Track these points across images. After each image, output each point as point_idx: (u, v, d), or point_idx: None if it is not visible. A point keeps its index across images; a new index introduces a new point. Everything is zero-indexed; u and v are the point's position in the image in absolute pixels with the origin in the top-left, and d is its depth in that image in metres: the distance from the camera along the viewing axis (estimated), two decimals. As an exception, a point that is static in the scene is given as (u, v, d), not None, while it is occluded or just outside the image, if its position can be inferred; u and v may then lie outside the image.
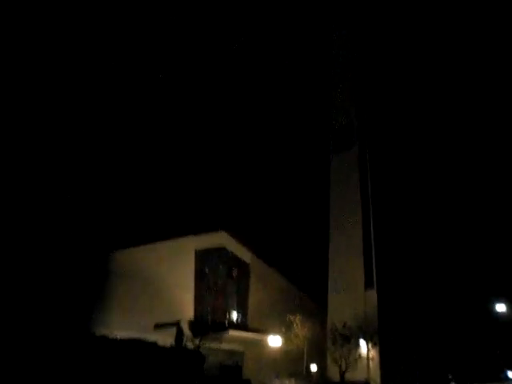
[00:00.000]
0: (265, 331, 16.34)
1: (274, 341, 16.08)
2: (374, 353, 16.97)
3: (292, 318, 16.01)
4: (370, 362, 16.71)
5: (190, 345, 13.14)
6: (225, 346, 15.58)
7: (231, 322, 16.71)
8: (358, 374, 15.69)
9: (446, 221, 16.33)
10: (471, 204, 16.09)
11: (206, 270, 15.75)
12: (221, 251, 15.99)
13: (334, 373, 15.93)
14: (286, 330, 16.14)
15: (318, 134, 16.58)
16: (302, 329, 16.16)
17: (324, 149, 16.50)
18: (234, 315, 16.81)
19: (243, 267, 16.70)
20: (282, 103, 16.70)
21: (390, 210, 16.46)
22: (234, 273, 16.19)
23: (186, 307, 15.40)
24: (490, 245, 15.68)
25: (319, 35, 16.97)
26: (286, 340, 16.27)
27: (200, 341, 13.36)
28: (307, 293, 17.25)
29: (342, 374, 15.60)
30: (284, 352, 16.68)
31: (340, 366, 15.52)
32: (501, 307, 14.52)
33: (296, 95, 16.78)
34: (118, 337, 10.49)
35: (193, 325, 14.51)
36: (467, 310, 15.54)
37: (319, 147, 16.55)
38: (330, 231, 16.62)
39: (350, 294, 15.96)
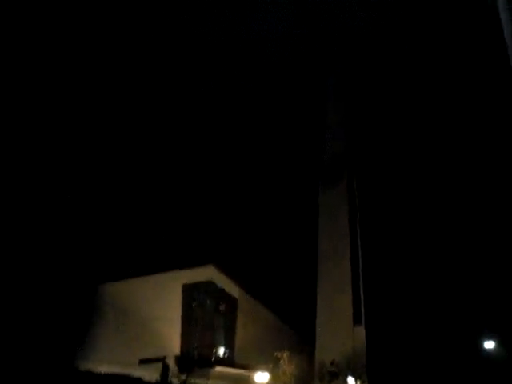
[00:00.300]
0: (252, 367, 16.08)
1: (262, 377, 15.81)
2: (362, 390, 16.81)
3: (279, 354, 15.79)
4: (359, 400, 16.55)
5: (175, 381, 12.91)
6: (211, 382, 15.34)
7: (218, 358, 16.45)
8: (347, 412, 15.52)
9: (436, 256, 16.36)
10: (461, 239, 16.16)
11: (194, 304, 15.60)
12: (208, 285, 15.83)
13: (321, 410, 15.74)
14: (273, 367, 15.91)
15: (308, 166, 16.65)
16: (289, 365, 15.91)
17: (313, 182, 16.57)
18: (221, 351, 16.56)
19: (231, 302, 16.52)
20: (271, 135, 16.79)
21: (379, 245, 16.47)
22: (222, 308, 16.01)
23: (172, 342, 15.17)
24: (478, 282, 15.72)
25: (312, 73, 17.18)
26: (274, 377, 16.01)
27: (186, 377, 13.17)
28: (295, 329, 17.05)
29: (330, 412, 15.46)
30: (271, 389, 16.48)
31: (328, 404, 15.42)
32: (489, 344, 14.54)
33: (286, 128, 16.90)
34: (103, 372, 10.34)
35: (179, 360, 14.28)
36: (456, 347, 15.48)
37: (308, 180, 16.61)
38: (319, 266, 16.55)
39: (339, 331, 15.77)
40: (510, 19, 4.11)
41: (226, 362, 16.26)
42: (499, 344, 14.24)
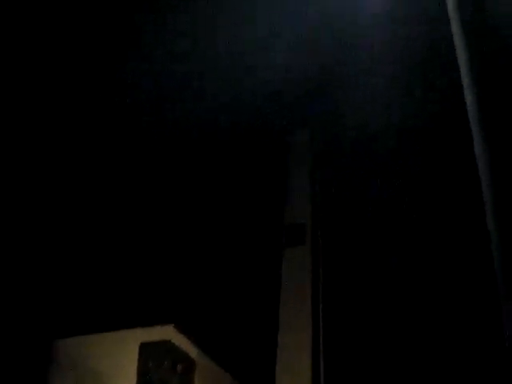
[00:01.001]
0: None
1: None
2: None
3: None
4: None
5: None
6: None
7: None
8: None
9: (402, 325, 16.26)
10: (433, 305, 16.12)
11: (150, 363, 15.36)
12: (167, 345, 15.63)
13: None
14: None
15: (270, 229, 16.76)
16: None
17: (276, 245, 16.63)
18: (176, 413, 16.18)
19: (189, 363, 16.24)
20: (233, 195, 16.97)
21: (341, 310, 16.39)
22: (179, 368, 15.76)
23: (126, 404, 14.89)
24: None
25: (275, 135, 17.52)
26: None
27: None
28: (254, 393, 16.77)
29: None
30: None
31: None
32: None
33: (249, 190, 17.11)
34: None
35: (132, 422, 13.97)
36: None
37: (271, 242, 16.68)
38: (280, 330, 16.41)
39: (297, 394, 15.53)
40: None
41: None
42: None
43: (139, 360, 14.27)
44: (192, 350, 15.51)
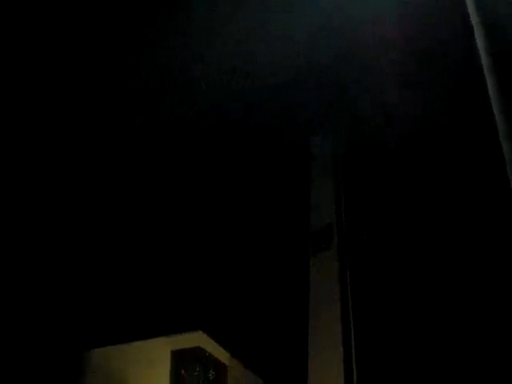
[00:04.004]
0: None
1: None
2: None
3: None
4: None
5: None
6: None
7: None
8: None
9: (429, 314, 16.12)
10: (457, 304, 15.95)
11: (182, 371, 15.36)
12: (197, 352, 15.59)
13: None
14: None
15: (297, 229, 16.65)
16: None
17: (303, 247, 16.55)
18: (211, 419, 16.17)
19: (220, 368, 16.18)
20: (258, 203, 16.90)
21: (370, 309, 16.27)
22: (211, 374, 15.74)
23: (160, 412, 14.90)
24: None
25: (299, 134, 17.38)
26: None
27: None
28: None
29: None
30: None
31: None
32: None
33: (273, 196, 17.03)
34: None
35: (167, 430, 13.98)
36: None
37: (298, 245, 16.59)
38: (309, 333, 16.32)
39: (330, 397, 15.43)
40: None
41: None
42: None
43: (171, 368, 14.29)
44: (222, 355, 15.49)
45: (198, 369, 14.94)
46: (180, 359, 14.44)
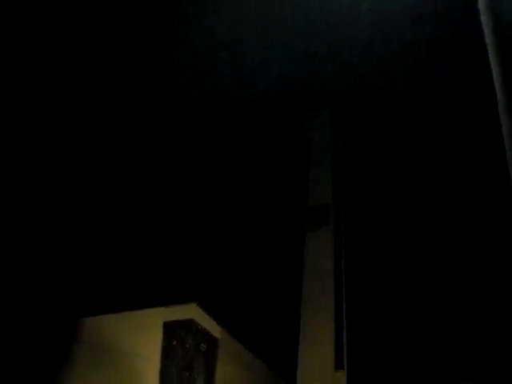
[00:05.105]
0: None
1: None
2: None
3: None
4: None
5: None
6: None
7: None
8: None
9: (420, 310, 16.18)
10: (449, 290, 15.98)
11: (174, 342, 15.42)
12: (190, 324, 15.68)
13: None
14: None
15: (292, 208, 16.71)
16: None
17: (298, 224, 16.58)
18: (201, 391, 16.25)
19: (212, 342, 16.30)
20: (255, 181, 16.94)
21: (364, 288, 16.35)
22: (203, 347, 15.81)
23: (150, 380, 14.96)
24: (457, 331, 15.46)
25: (296, 118, 17.39)
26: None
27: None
28: (277, 372, 16.80)
29: None
30: None
31: None
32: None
33: (271, 174, 17.07)
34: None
35: (156, 400, 14.05)
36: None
37: (293, 223, 16.64)
38: (302, 309, 16.38)
39: (319, 375, 15.50)
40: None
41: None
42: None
43: (163, 339, 14.34)
44: (215, 329, 15.56)
45: (189, 341, 15.02)
46: (172, 330, 14.50)
